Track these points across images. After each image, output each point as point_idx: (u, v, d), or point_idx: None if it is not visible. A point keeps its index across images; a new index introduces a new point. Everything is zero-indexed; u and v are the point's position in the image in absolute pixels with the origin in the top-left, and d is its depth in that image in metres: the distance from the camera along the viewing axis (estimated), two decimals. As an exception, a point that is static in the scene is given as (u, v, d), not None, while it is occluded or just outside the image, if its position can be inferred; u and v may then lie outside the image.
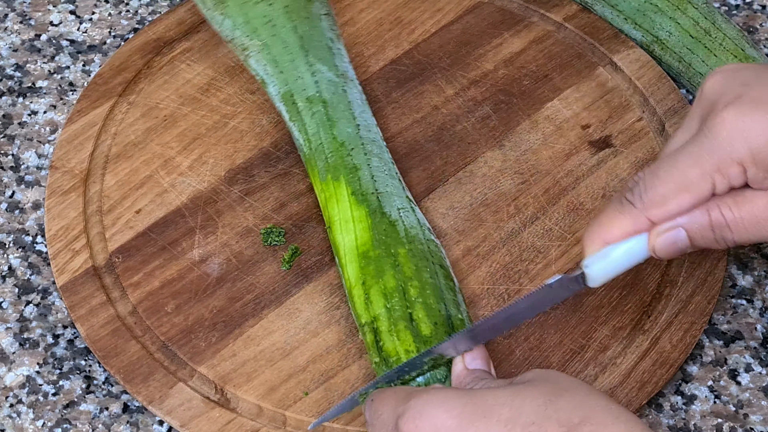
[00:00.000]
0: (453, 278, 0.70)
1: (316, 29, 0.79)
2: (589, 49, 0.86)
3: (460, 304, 0.68)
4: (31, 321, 0.74)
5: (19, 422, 0.70)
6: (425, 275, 0.68)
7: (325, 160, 0.74)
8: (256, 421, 0.68)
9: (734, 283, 0.76)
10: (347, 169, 0.73)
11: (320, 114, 0.76)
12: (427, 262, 0.69)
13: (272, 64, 0.78)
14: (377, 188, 0.72)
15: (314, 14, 0.80)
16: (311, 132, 0.75)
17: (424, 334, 0.66)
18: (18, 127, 0.83)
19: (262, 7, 0.79)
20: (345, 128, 0.75)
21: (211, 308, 0.73)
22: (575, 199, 0.78)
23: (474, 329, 0.64)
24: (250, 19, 0.79)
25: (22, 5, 0.90)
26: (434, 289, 0.68)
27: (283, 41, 0.78)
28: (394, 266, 0.69)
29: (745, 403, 0.71)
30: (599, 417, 0.53)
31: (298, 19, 0.79)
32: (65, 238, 0.76)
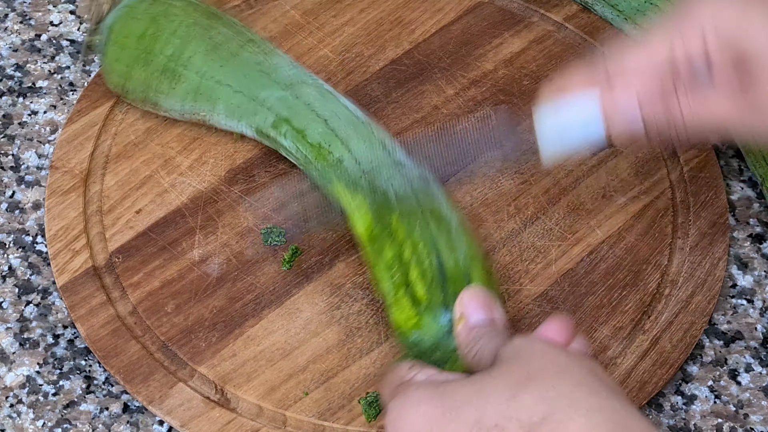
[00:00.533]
0: (447, 216, 0.69)
1: (240, 66, 0.77)
2: (590, 49, 0.86)
3: (455, 242, 0.68)
4: (31, 321, 0.74)
5: (19, 422, 0.70)
6: (416, 232, 0.68)
7: (317, 170, 0.74)
8: (256, 421, 0.68)
9: (734, 283, 0.76)
10: (332, 165, 0.73)
11: (290, 132, 0.76)
12: (417, 216, 0.69)
13: (230, 116, 0.78)
14: (363, 169, 0.73)
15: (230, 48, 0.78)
16: (294, 152, 0.76)
17: (419, 296, 0.66)
18: (18, 127, 0.83)
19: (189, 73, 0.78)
20: (314, 130, 0.75)
21: (211, 308, 0.73)
22: (575, 199, 0.78)
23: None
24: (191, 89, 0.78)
25: (22, 5, 0.90)
26: (426, 242, 0.68)
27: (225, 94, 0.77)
28: (390, 236, 0.69)
29: (745, 403, 0.71)
30: (560, 412, 0.52)
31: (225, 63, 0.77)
32: (65, 238, 0.76)
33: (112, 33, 0.78)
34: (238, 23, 0.79)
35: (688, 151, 0.80)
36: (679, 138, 0.63)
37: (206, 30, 0.77)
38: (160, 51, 0.77)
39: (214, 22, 0.78)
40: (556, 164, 0.62)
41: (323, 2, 0.88)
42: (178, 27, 0.77)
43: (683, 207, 0.78)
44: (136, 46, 0.77)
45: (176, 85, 0.77)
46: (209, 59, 0.77)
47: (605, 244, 0.76)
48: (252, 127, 0.77)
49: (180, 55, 0.77)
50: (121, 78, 0.79)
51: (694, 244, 0.76)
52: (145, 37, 0.77)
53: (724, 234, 0.77)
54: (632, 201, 0.78)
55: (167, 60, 0.77)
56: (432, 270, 0.67)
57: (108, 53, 0.79)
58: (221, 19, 0.78)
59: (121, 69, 0.78)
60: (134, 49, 0.77)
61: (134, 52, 0.77)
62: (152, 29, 0.77)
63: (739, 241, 0.78)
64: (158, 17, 0.77)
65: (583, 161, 0.80)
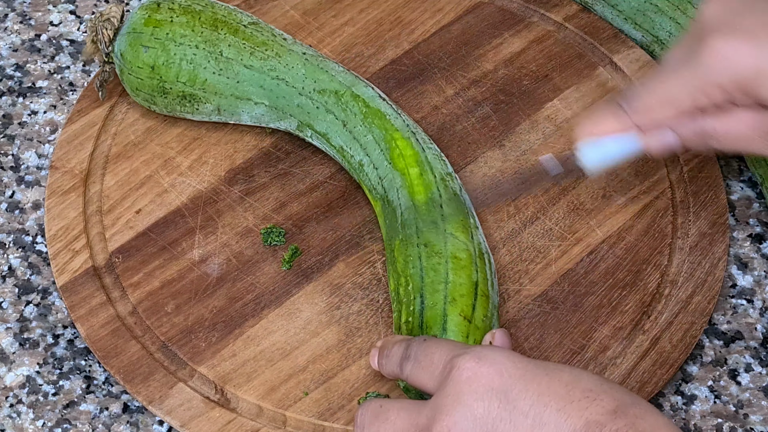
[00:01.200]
0: (440, 250, 0.69)
1: (255, 78, 0.77)
2: (589, 49, 0.86)
3: (441, 282, 0.68)
4: (31, 321, 0.74)
5: (19, 422, 0.70)
6: (409, 268, 0.69)
7: (347, 169, 0.77)
8: (256, 421, 0.68)
9: (734, 283, 0.76)
10: (356, 169, 0.75)
11: (314, 135, 0.77)
12: (413, 248, 0.69)
13: (257, 122, 0.79)
14: (379, 175, 0.73)
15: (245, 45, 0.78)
16: (326, 150, 0.77)
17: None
18: (18, 127, 0.83)
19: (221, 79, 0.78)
20: (335, 133, 0.76)
21: (211, 308, 0.73)
22: (575, 199, 0.78)
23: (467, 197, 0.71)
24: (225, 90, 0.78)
25: (22, 5, 0.90)
26: (415, 283, 0.68)
27: (247, 107, 0.78)
28: (393, 263, 0.70)
29: (745, 403, 0.71)
30: (644, 407, 0.56)
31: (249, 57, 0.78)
32: (65, 238, 0.76)
33: (125, 61, 0.78)
34: (243, 21, 0.79)
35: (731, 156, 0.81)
36: (716, 150, 0.67)
37: (215, 46, 0.77)
38: (175, 79, 0.77)
39: (221, 33, 0.77)
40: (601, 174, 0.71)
41: (323, 2, 0.88)
42: (187, 51, 0.76)
43: (683, 207, 0.78)
44: (150, 76, 0.77)
45: (198, 106, 0.78)
46: (224, 78, 0.77)
47: (605, 244, 0.76)
48: (281, 128, 0.79)
49: (195, 80, 0.77)
50: (145, 102, 0.79)
51: (694, 244, 0.76)
52: (158, 66, 0.77)
53: (724, 234, 0.77)
54: (632, 201, 0.78)
55: (184, 86, 0.77)
56: (414, 316, 0.67)
57: (127, 81, 0.79)
58: (227, 25, 0.77)
59: (143, 96, 0.79)
60: (150, 79, 0.77)
61: (151, 82, 0.77)
62: (163, 57, 0.77)
63: (739, 241, 0.78)
64: (166, 43, 0.76)
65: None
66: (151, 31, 0.77)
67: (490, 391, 0.56)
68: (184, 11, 0.77)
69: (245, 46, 0.77)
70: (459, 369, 0.57)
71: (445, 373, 0.58)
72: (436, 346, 0.61)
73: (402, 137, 0.74)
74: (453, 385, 0.57)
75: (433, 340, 0.62)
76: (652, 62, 0.85)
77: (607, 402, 0.55)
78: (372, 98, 0.76)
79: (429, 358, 0.60)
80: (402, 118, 0.76)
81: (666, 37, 0.84)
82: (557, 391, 0.55)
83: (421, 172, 0.73)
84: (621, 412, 0.54)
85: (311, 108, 0.76)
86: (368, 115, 0.75)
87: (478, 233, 0.72)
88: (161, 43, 0.77)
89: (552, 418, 0.55)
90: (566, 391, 0.55)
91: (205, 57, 0.77)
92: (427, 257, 0.69)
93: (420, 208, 0.71)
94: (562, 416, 0.54)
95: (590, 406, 0.55)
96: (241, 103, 0.78)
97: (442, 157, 0.75)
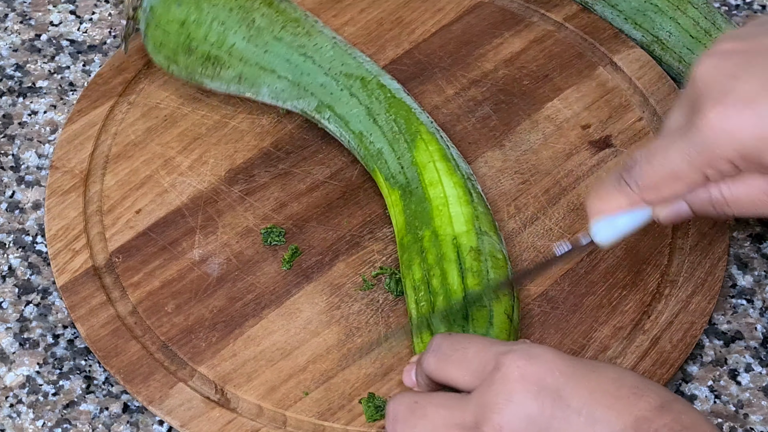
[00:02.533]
0: (480, 247, 0.69)
1: (283, 51, 0.77)
2: (590, 49, 0.86)
3: (484, 274, 0.68)
4: (31, 321, 0.74)
5: (19, 422, 0.70)
6: (445, 262, 0.69)
7: (360, 156, 0.76)
8: (256, 421, 0.68)
9: (734, 283, 0.76)
10: (373, 156, 0.75)
11: (333, 117, 0.77)
12: (448, 245, 0.69)
13: (274, 98, 0.79)
14: (402, 164, 0.73)
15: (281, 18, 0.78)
16: (339, 136, 0.77)
17: (438, 331, 0.67)
18: (18, 127, 0.83)
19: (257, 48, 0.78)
20: (356, 118, 0.76)
21: (211, 308, 0.73)
22: (575, 199, 0.78)
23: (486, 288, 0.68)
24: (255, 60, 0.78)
25: (22, 5, 0.90)
26: (454, 275, 0.68)
27: (270, 79, 0.78)
28: (420, 253, 0.70)
29: (745, 403, 0.71)
30: (684, 402, 0.56)
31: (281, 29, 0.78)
32: (65, 238, 0.76)
33: (153, 16, 0.77)
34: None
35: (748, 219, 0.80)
36: (732, 214, 0.64)
37: (248, 13, 0.77)
38: (203, 38, 0.77)
39: (255, 2, 0.77)
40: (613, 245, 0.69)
41: (323, 2, 0.88)
42: (220, 12, 0.77)
43: (683, 207, 0.78)
44: (178, 32, 0.77)
45: (221, 71, 0.78)
46: (252, 45, 0.77)
47: (605, 244, 0.76)
48: (297, 108, 0.78)
49: (223, 42, 0.77)
50: (166, 61, 0.79)
51: (694, 244, 0.76)
52: (188, 23, 0.77)
53: (724, 234, 0.77)
54: (632, 201, 0.78)
55: (211, 47, 0.77)
56: (456, 309, 0.67)
57: (151, 37, 0.78)
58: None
59: (165, 52, 0.78)
60: (177, 35, 0.77)
61: (177, 38, 0.77)
62: (195, 15, 0.76)
63: (739, 241, 0.78)
64: (201, 2, 0.77)
65: (583, 161, 0.80)
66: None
67: (544, 390, 0.56)
68: None
69: (278, 19, 0.77)
70: (509, 366, 0.56)
71: (488, 370, 0.57)
72: (469, 342, 0.59)
73: (427, 131, 0.74)
74: (503, 383, 0.56)
75: (460, 335, 0.61)
76: (652, 62, 0.85)
77: (653, 398, 0.55)
78: (398, 90, 0.77)
79: (461, 353, 0.59)
80: (426, 115, 0.76)
81: (666, 37, 0.84)
82: (607, 389, 0.56)
83: (448, 168, 0.73)
84: (666, 408, 0.55)
85: (335, 89, 0.76)
86: (393, 105, 0.75)
87: (502, 238, 0.72)
88: (195, 1, 0.77)
89: (604, 415, 0.55)
90: (615, 388, 0.56)
91: (237, 21, 0.77)
92: (460, 252, 0.69)
93: None
94: (613, 413, 0.55)
95: (638, 403, 0.55)
96: (264, 74, 0.77)
97: (462, 158, 0.75)
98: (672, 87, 0.83)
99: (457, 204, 0.71)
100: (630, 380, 0.56)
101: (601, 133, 0.81)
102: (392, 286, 0.73)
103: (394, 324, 0.72)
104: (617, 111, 0.83)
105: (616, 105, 0.83)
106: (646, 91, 0.83)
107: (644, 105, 0.83)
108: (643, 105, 0.83)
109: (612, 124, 0.82)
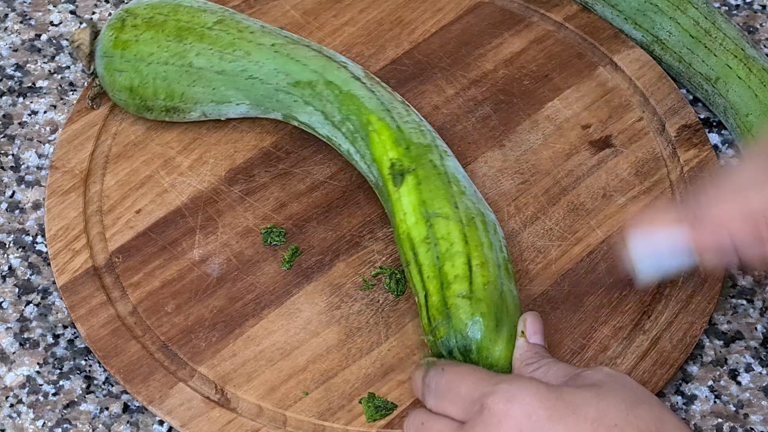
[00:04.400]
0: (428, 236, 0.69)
1: (231, 81, 0.77)
2: (589, 49, 0.86)
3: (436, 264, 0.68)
4: (31, 321, 0.74)
5: (19, 422, 0.70)
6: (409, 265, 0.69)
7: (346, 156, 0.77)
8: (256, 421, 0.68)
9: (734, 283, 0.76)
10: (348, 157, 0.76)
11: (303, 125, 0.77)
12: (406, 243, 0.70)
13: (246, 115, 0.79)
14: (366, 162, 0.74)
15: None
16: (323, 136, 0.77)
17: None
18: (18, 127, 0.83)
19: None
20: (317, 122, 0.76)
21: (211, 308, 0.73)
22: (575, 199, 0.78)
23: None
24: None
25: (22, 5, 0.90)
26: (416, 279, 0.69)
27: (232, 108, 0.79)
28: (403, 253, 0.70)
29: (745, 403, 0.71)
30: (669, 429, 0.58)
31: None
32: (65, 238, 0.76)
33: (106, 84, 0.79)
34: (208, 23, 0.77)
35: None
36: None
37: (184, 58, 0.76)
38: (154, 97, 0.78)
39: (186, 43, 0.77)
40: (650, 285, 0.71)
41: (323, 2, 0.88)
42: (158, 68, 0.77)
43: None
44: (131, 96, 0.78)
45: (185, 115, 0.79)
46: (200, 87, 0.77)
47: (605, 244, 0.76)
48: (271, 117, 0.79)
49: (173, 95, 0.77)
50: (138, 114, 0.80)
51: (694, 244, 0.76)
52: (135, 88, 0.77)
53: (724, 234, 0.77)
54: (632, 201, 0.78)
55: (164, 102, 0.78)
56: (423, 312, 0.68)
57: (114, 99, 0.80)
58: (192, 32, 0.77)
59: (132, 110, 0.79)
60: (132, 99, 0.78)
61: (133, 101, 0.78)
62: (137, 79, 0.77)
63: (739, 241, 0.78)
64: (136, 64, 0.77)
65: (583, 161, 0.80)
66: (120, 53, 0.77)
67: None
68: (148, 26, 0.77)
69: (213, 52, 0.76)
70: (490, 411, 0.59)
71: (474, 410, 0.60)
72: (460, 379, 0.62)
73: (378, 119, 0.73)
74: (484, 427, 0.59)
75: (452, 371, 0.63)
76: (652, 62, 0.85)
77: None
78: (345, 81, 0.75)
79: (454, 392, 0.62)
80: (375, 99, 0.75)
81: (666, 37, 0.84)
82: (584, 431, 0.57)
83: (400, 153, 0.72)
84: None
85: (290, 102, 0.76)
86: (345, 101, 0.75)
87: (465, 198, 0.70)
88: (132, 65, 0.77)
89: None
90: (592, 429, 0.57)
91: (176, 72, 0.77)
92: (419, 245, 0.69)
93: None
94: None
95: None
96: (224, 106, 0.78)
97: (423, 126, 0.74)
98: (672, 87, 0.83)
99: (407, 194, 0.70)
100: (611, 417, 0.57)
101: (601, 133, 0.81)
102: (392, 286, 0.73)
103: (394, 324, 0.72)
104: (617, 111, 0.83)
105: (616, 105, 0.83)
106: (645, 91, 0.83)
107: (644, 105, 0.83)
108: (643, 105, 0.83)
109: (612, 124, 0.82)
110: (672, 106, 0.82)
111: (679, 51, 0.84)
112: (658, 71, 0.84)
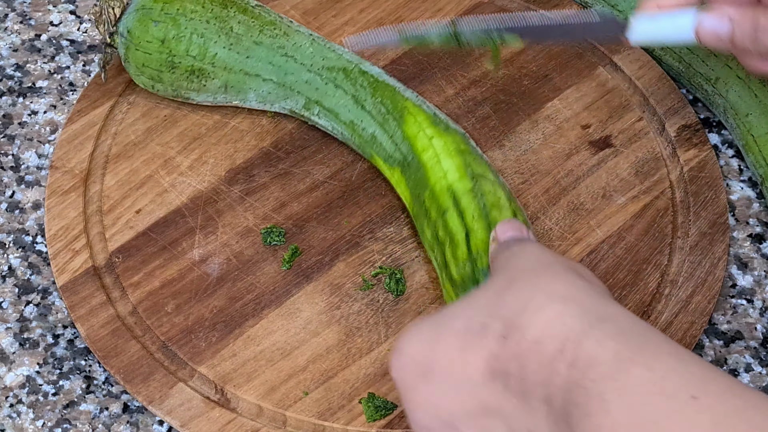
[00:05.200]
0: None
1: (264, 54, 0.78)
2: (589, 49, 0.86)
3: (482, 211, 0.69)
4: (31, 321, 0.74)
5: (19, 422, 0.70)
6: (445, 212, 0.70)
7: (356, 145, 0.78)
8: (256, 421, 0.68)
9: (734, 283, 0.76)
10: (368, 142, 0.76)
11: (322, 112, 0.78)
12: (444, 195, 0.71)
13: (262, 102, 0.80)
14: (395, 141, 0.75)
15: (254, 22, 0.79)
16: (331, 130, 0.79)
17: (455, 277, 0.68)
18: (18, 127, 0.83)
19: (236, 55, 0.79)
20: (344, 109, 0.77)
21: (211, 308, 0.73)
22: (575, 199, 0.78)
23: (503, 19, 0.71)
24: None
25: (22, 5, 0.90)
26: (453, 222, 0.69)
27: (255, 84, 0.79)
28: (425, 214, 0.72)
29: (745, 403, 0.71)
30: (537, 302, 0.53)
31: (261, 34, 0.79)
32: (65, 238, 0.76)
33: (132, 38, 0.78)
34: (251, 2, 0.80)
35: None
36: (760, 50, 0.67)
37: (225, 22, 0.78)
38: (185, 52, 0.77)
39: (230, 11, 0.78)
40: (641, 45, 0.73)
41: (323, 2, 0.89)
42: (198, 25, 0.77)
43: (683, 207, 0.78)
44: (160, 50, 0.77)
45: (206, 82, 0.78)
46: (234, 53, 0.78)
47: (605, 244, 0.76)
48: (285, 108, 0.80)
49: (205, 54, 0.77)
50: (150, 80, 0.79)
51: (694, 243, 0.76)
52: (168, 40, 0.77)
53: (723, 234, 0.77)
54: (632, 201, 0.78)
55: (194, 60, 0.78)
56: (462, 247, 0.68)
57: (132, 59, 0.79)
58: (235, 4, 0.79)
59: (149, 72, 0.79)
60: (159, 53, 0.78)
61: (160, 56, 0.78)
62: (174, 31, 0.77)
63: (739, 241, 0.78)
64: (177, 17, 0.77)
65: (583, 161, 0.80)
66: (161, 6, 0.78)
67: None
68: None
69: (254, 24, 0.78)
70: (390, 369, 0.57)
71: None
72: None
73: (414, 105, 0.75)
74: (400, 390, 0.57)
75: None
76: (652, 62, 0.85)
77: (497, 327, 0.53)
78: (380, 74, 0.78)
79: None
80: (410, 91, 0.77)
81: (666, 37, 0.84)
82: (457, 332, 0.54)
83: (437, 131, 0.74)
84: (510, 335, 0.52)
85: (320, 84, 0.77)
86: (378, 88, 0.77)
87: (500, 177, 0.73)
88: (171, 17, 0.77)
89: (460, 369, 0.53)
90: (463, 341, 0.54)
91: (215, 32, 0.77)
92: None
93: None
94: (467, 364, 0.53)
95: (483, 341, 0.53)
96: (249, 80, 0.78)
97: (452, 119, 0.76)
98: (672, 87, 0.83)
99: (448, 157, 0.72)
100: (477, 319, 0.53)
101: (601, 133, 0.82)
102: (392, 285, 0.73)
103: (394, 324, 0.72)
104: (617, 111, 0.83)
105: (616, 105, 0.83)
106: (645, 91, 0.83)
107: (644, 105, 0.83)
108: (642, 105, 0.83)
109: (612, 124, 0.82)
110: (672, 106, 0.82)
111: (679, 51, 0.84)
112: (658, 71, 0.84)
